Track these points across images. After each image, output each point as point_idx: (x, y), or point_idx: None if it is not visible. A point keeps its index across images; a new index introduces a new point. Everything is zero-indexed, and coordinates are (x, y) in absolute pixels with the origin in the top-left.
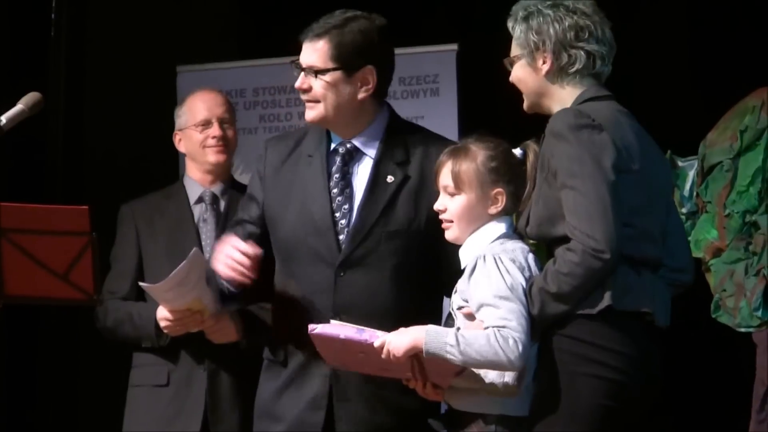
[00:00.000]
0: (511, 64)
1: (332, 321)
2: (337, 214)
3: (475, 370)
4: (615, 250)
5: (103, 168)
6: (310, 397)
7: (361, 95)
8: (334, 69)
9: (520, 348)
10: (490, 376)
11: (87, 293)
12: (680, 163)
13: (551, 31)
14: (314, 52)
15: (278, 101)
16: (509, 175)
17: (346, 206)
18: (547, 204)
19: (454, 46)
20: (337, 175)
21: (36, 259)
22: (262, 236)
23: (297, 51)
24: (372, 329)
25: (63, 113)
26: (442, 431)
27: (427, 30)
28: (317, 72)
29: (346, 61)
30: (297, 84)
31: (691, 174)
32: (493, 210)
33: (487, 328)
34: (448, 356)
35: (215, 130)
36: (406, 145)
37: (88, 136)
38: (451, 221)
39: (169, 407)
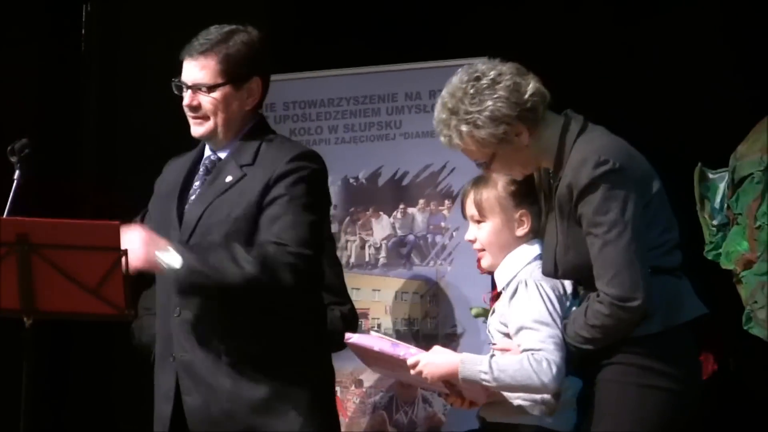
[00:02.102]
0: (490, 162)
1: (372, 333)
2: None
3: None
4: (644, 296)
5: (136, 180)
6: (164, 390)
7: (248, 107)
8: (223, 84)
9: (554, 370)
10: (522, 396)
11: (119, 308)
12: (711, 176)
13: (503, 111)
14: (201, 69)
15: (309, 115)
16: (532, 197)
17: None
18: (581, 253)
19: (484, 59)
20: (197, 183)
21: (67, 275)
22: None
23: (326, 65)
24: (407, 344)
25: (96, 123)
26: None
27: (458, 42)
28: (208, 88)
29: (234, 75)
30: (186, 102)
31: (722, 186)
32: (520, 232)
33: (523, 351)
34: (484, 383)
35: None
36: (258, 149)
37: (120, 148)
38: (483, 249)
39: None
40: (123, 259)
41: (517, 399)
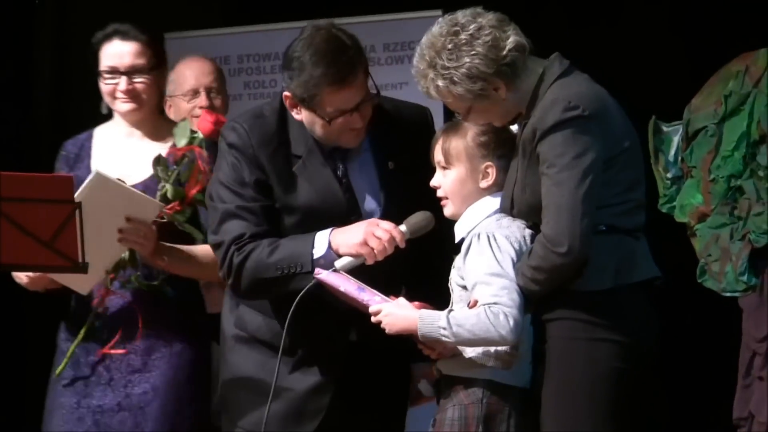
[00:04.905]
0: (469, 112)
1: (341, 272)
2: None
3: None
4: (575, 245)
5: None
6: (312, 383)
7: None
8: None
9: (511, 323)
10: (476, 350)
11: (73, 260)
12: (665, 129)
13: (481, 68)
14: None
15: (263, 68)
16: (500, 150)
17: (348, 194)
18: (536, 193)
19: (438, 12)
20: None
21: (21, 227)
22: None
23: (281, 18)
24: (373, 290)
25: (49, 81)
26: (432, 396)
27: None
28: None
29: None
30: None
31: (676, 139)
32: (483, 184)
33: (480, 306)
34: (443, 339)
35: (202, 100)
36: (387, 126)
37: (74, 104)
38: (446, 197)
39: None
40: (77, 211)
41: (471, 352)
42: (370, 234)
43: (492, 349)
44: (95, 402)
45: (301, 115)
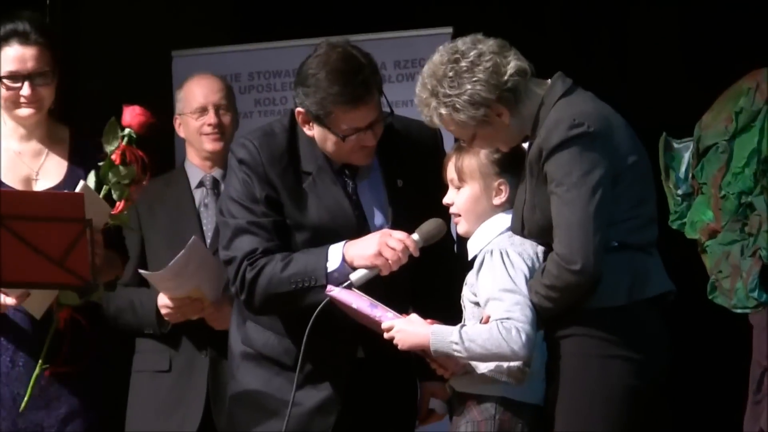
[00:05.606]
0: (473, 139)
1: (354, 289)
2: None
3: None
4: (588, 263)
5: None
6: (319, 400)
7: None
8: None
9: (524, 338)
10: (489, 366)
11: (83, 279)
12: (676, 145)
13: (483, 94)
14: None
15: (273, 85)
16: (513, 166)
17: (357, 211)
18: (546, 213)
19: (449, 29)
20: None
21: (32, 246)
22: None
23: (292, 35)
24: (385, 307)
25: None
26: (445, 413)
27: (422, 13)
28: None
29: None
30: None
31: (687, 156)
32: (497, 201)
33: (492, 321)
34: (455, 354)
35: (211, 117)
36: (396, 145)
37: (79, 106)
38: (459, 215)
39: (171, 393)
40: (87, 229)
41: (484, 368)
42: (383, 245)
43: (504, 365)
44: (35, 419)
45: (313, 131)
